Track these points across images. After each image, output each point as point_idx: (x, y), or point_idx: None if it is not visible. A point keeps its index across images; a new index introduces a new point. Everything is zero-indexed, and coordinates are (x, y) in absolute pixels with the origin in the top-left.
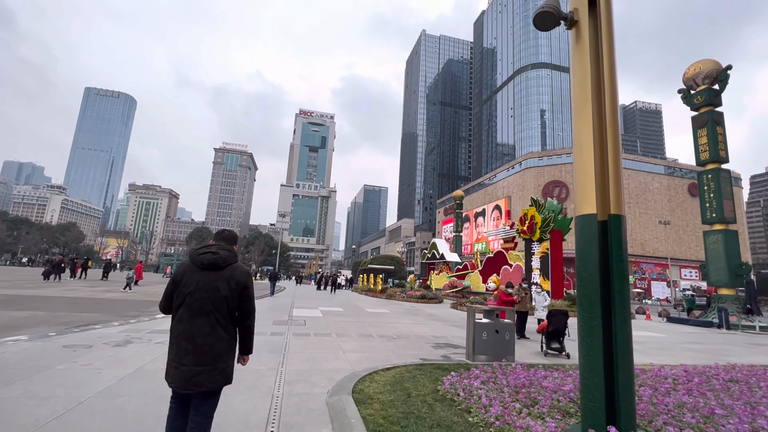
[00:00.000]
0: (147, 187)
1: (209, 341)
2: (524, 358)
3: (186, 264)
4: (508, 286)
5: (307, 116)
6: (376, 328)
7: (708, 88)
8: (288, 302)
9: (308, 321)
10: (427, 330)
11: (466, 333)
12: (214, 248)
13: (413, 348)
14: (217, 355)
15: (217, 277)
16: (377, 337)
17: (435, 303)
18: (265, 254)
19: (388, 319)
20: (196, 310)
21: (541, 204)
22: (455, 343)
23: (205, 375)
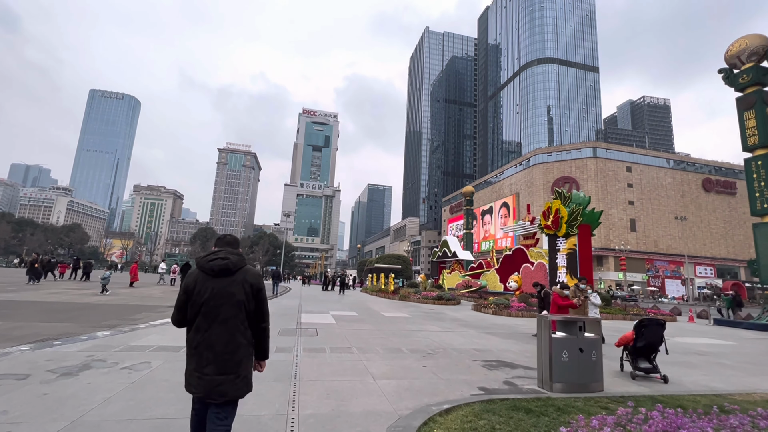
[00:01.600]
0: (151, 188)
1: (230, 349)
2: (606, 384)
3: (195, 272)
4: (562, 287)
5: (310, 115)
6: (402, 338)
7: (755, 65)
8: (294, 306)
9: (320, 330)
10: (463, 341)
11: (538, 352)
12: (223, 253)
13: (460, 369)
14: (239, 363)
15: (231, 283)
16: (408, 352)
17: (453, 304)
18: (269, 254)
19: (411, 326)
20: (213, 318)
21: (567, 196)
22: (507, 359)
23: (229, 384)
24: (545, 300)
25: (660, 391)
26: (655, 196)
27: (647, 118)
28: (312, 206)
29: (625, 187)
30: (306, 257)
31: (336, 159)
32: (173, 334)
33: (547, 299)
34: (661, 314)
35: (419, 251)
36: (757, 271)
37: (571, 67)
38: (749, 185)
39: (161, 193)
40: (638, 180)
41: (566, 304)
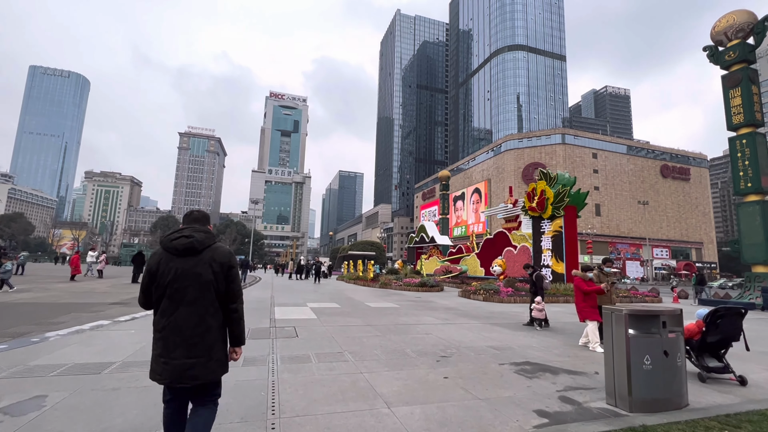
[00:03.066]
0: (105, 175)
1: (199, 332)
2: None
3: (159, 252)
4: (584, 269)
5: (278, 99)
6: (400, 335)
7: (742, 42)
8: (266, 298)
9: (300, 328)
10: (472, 336)
11: (607, 357)
12: (188, 231)
13: (492, 380)
14: (211, 345)
15: (197, 262)
16: (415, 355)
17: (437, 291)
18: (237, 243)
19: (404, 318)
20: (179, 300)
21: (553, 177)
22: (537, 359)
23: (200, 367)
24: (537, 283)
25: (751, 397)
26: (618, 181)
27: (609, 107)
28: (281, 193)
29: (591, 172)
30: (276, 245)
31: (306, 145)
32: (102, 344)
33: (539, 282)
34: (642, 295)
35: (392, 238)
36: (737, 251)
37: (540, 54)
38: (733, 164)
39: (117, 179)
40: (603, 166)
41: (593, 290)
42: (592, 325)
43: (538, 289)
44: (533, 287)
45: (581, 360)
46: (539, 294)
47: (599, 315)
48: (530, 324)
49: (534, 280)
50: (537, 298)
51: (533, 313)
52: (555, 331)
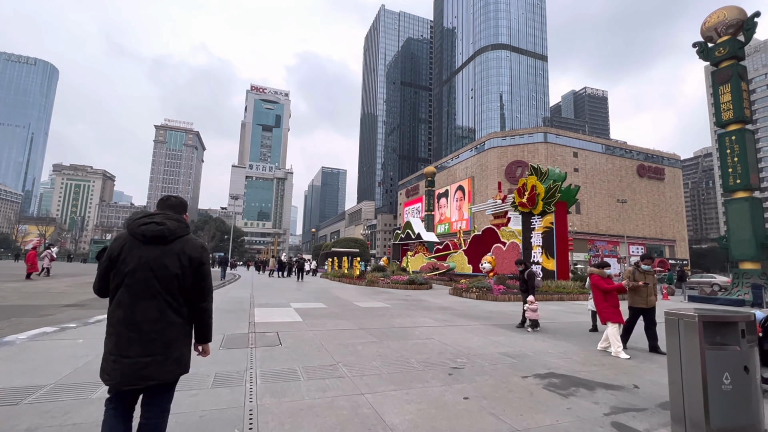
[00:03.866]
0: (75, 168)
1: (158, 328)
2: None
3: (124, 237)
4: (599, 265)
5: (259, 93)
6: (399, 341)
7: (732, 38)
8: (245, 297)
9: (284, 333)
10: (479, 341)
11: (671, 373)
12: (159, 217)
13: (521, 399)
14: (169, 343)
15: (165, 252)
16: (422, 367)
17: (426, 289)
18: (216, 239)
19: (399, 320)
20: (139, 292)
21: (544, 172)
22: (562, 370)
23: (156, 366)
24: (529, 281)
25: None
26: (597, 180)
27: (588, 108)
28: (262, 189)
29: (572, 171)
30: (257, 242)
31: (288, 140)
32: (35, 359)
33: (531, 281)
34: None
35: (375, 235)
36: (726, 247)
37: (523, 54)
38: (722, 161)
39: (87, 173)
40: (583, 165)
41: (613, 288)
42: (613, 329)
43: (529, 288)
44: (524, 285)
45: (610, 369)
46: (531, 292)
47: (622, 316)
48: (522, 325)
49: (525, 278)
50: (530, 297)
51: (528, 314)
52: (562, 333)
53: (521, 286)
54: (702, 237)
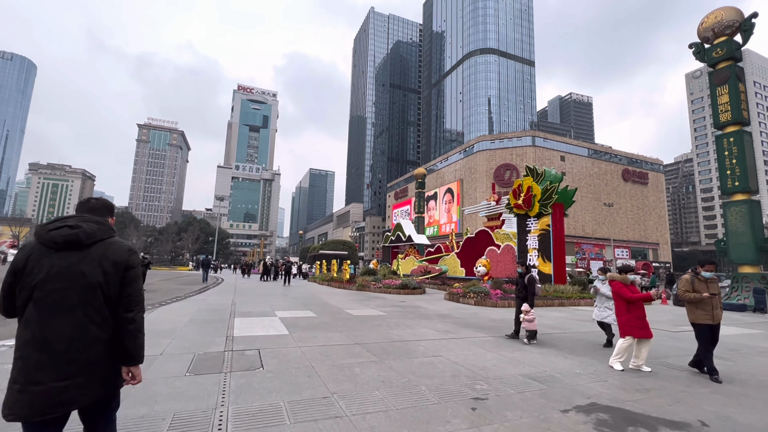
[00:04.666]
0: (53, 167)
1: (77, 346)
2: None
3: (31, 245)
4: (622, 270)
5: (246, 93)
6: (402, 360)
7: (729, 39)
8: (226, 304)
9: (267, 351)
10: (494, 358)
11: None
12: (74, 220)
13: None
14: (92, 362)
15: (82, 259)
16: (437, 398)
17: (420, 293)
18: (200, 242)
19: (398, 332)
20: (50, 307)
21: (540, 173)
22: (602, 398)
23: (76, 390)
24: (529, 287)
25: None
26: (584, 184)
27: (573, 114)
28: (249, 190)
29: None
30: (243, 245)
31: (275, 141)
32: None
33: (532, 286)
34: None
35: (364, 237)
36: (724, 250)
37: (511, 59)
38: (720, 163)
39: (66, 172)
40: (570, 169)
41: (639, 298)
42: (625, 342)
43: (528, 295)
44: (523, 291)
45: (661, 397)
46: (529, 300)
47: (650, 330)
48: (514, 336)
49: (526, 284)
50: (525, 305)
51: (525, 324)
52: (581, 347)
53: (518, 291)
54: (682, 240)
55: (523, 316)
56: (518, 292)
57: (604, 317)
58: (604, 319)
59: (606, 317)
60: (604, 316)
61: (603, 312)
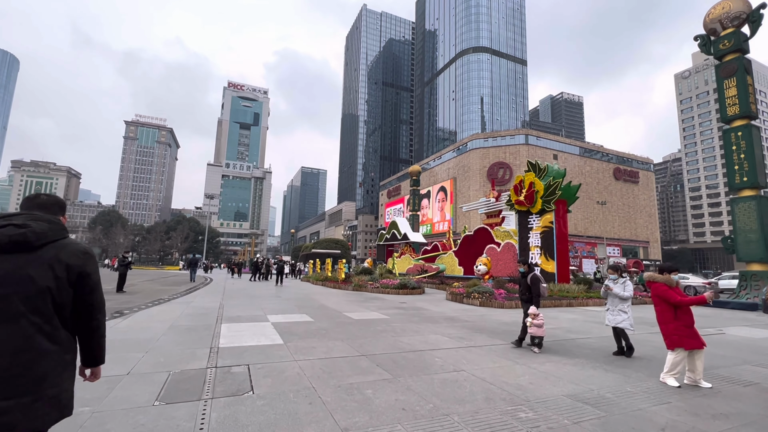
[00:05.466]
0: (37, 164)
1: (22, 360)
2: None
3: None
4: (664, 270)
5: (237, 90)
6: (420, 376)
7: (736, 30)
8: (212, 308)
9: (257, 366)
10: (526, 373)
11: None
12: (20, 219)
13: None
14: (41, 378)
15: (31, 262)
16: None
17: (419, 293)
18: (189, 240)
19: (407, 339)
20: None
21: (542, 168)
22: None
23: (21, 411)
24: (533, 288)
25: None
26: (576, 182)
27: (564, 113)
28: (240, 189)
29: None
30: (233, 243)
31: (266, 139)
32: None
33: (536, 286)
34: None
35: (356, 236)
36: (731, 248)
37: (503, 58)
38: (727, 158)
39: (50, 170)
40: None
41: (689, 301)
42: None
43: (533, 296)
44: (527, 293)
45: (746, 426)
46: (534, 302)
47: (700, 338)
48: (518, 343)
49: (529, 284)
50: (532, 308)
51: (531, 330)
52: (611, 356)
53: (522, 293)
54: (671, 239)
55: (530, 320)
56: (521, 293)
57: (618, 322)
58: (618, 324)
59: (621, 322)
60: (618, 321)
61: (617, 316)
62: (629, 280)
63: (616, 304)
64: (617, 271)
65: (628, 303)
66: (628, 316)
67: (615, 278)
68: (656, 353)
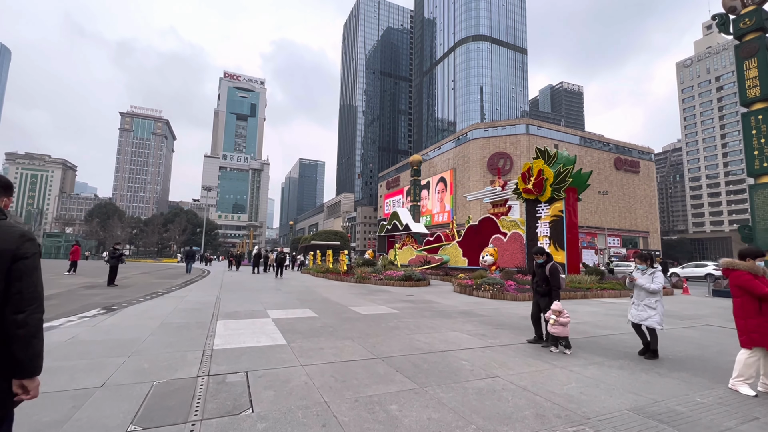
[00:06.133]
0: (31, 157)
1: None
2: None
3: None
4: (747, 254)
5: (233, 80)
6: (449, 387)
7: (758, 8)
8: (208, 303)
9: (257, 374)
10: (571, 380)
11: None
12: None
13: None
14: None
15: None
16: None
17: (424, 285)
18: (188, 233)
19: (423, 338)
20: None
21: (552, 155)
22: None
23: None
24: (552, 280)
25: None
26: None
27: (564, 103)
28: (237, 180)
29: None
30: (231, 236)
31: (264, 130)
32: None
33: (556, 278)
34: None
35: (355, 227)
36: (749, 237)
37: (503, 46)
38: (746, 142)
39: (45, 162)
40: None
41: None
42: (751, 356)
43: (552, 289)
44: (543, 285)
45: None
46: (553, 295)
47: None
48: (536, 341)
49: (547, 275)
50: (556, 304)
51: (552, 329)
52: (667, 357)
53: (538, 285)
54: (669, 229)
55: (553, 317)
56: (537, 285)
57: (643, 319)
58: (643, 321)
59: (647, 319)
60: (643, 318)
61: (643, 311)
62: (660, 270)
63: (642, 298)
64: (646, 260)
65: (657, 297)
66: (656, 313)
67: (643, 268)
68: (696, 351)
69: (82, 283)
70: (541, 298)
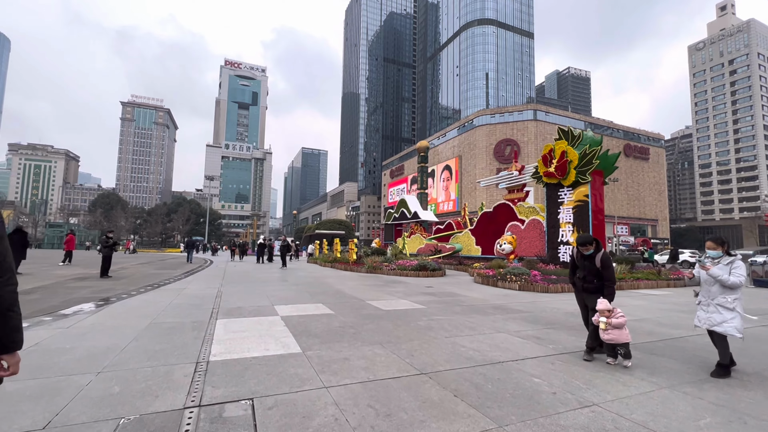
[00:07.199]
0: (35, 148)
1: None
2: None
3: None
4: None
5: (234, 68)
6: (537, 423)
7: None
8: (208, 297)
9: (264, 400)
10: (693, 408)
11: None
12: None
13: None
14: None
15: None
16: None
17: (440, 275)
18: (191, 223)
19: (468, 342)
20: None
21: (576, 135)
22: None
23: None
24: (604, 272)
25: None
26: None
27: (571, 89)
28: (240, 170)
29: None
30: (235, 225)
31: (266, 119)
32: None
33: (610, 270)
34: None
35: (359, 216)
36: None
37: (509, 30)
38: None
39: (49, 153)
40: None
41: None
42: None
43: (605, 283)
44: (593, 280)
45: None
46: (606, 293)
47: None
48: (590, 353)
49: (599, 267)
50: (601, 302)
51: (606, 335)
52: (752, 367)
53: (583, 280)
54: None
55: (603, 320)
56: (583, 281)
57: (716, 323)
58: (716, 326)
59: (721, 323)
60: (716, 322)
61: (715, 313)
62: (740, 259)
63: (713, 296)
64: (722, 245)
65: (737, 294)
66: (735, 315)
67: (717, 255)
68: None
69: (74, 275)
70: (588, 296)
